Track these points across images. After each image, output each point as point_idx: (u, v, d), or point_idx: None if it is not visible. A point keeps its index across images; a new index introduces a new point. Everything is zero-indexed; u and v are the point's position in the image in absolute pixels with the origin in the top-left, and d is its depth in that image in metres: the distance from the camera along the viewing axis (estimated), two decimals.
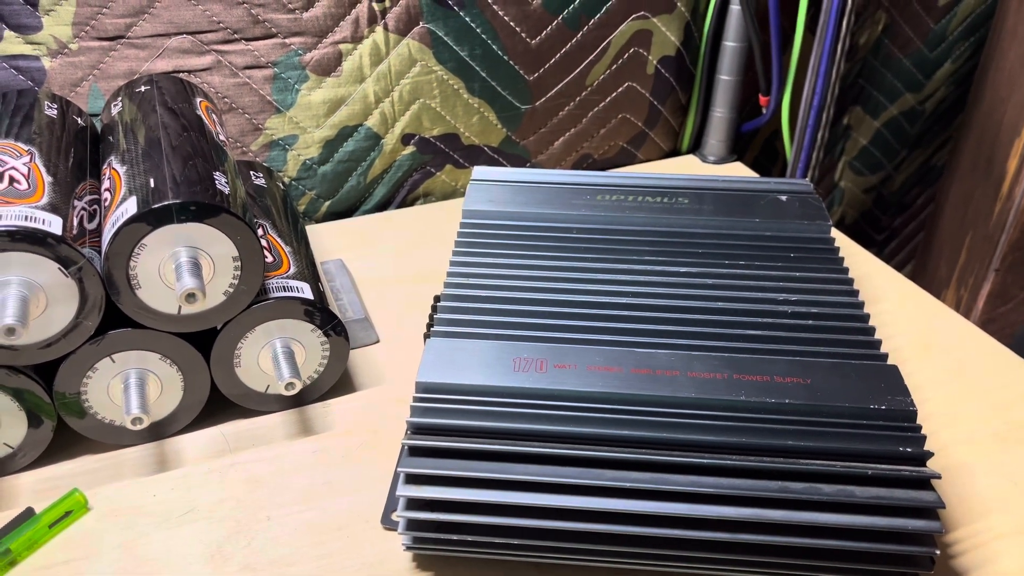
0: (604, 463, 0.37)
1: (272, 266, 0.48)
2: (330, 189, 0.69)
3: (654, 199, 0.52)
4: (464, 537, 0.38)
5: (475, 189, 0.53)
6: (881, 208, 0.97)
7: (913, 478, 0.35)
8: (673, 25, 0.73)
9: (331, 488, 0.45)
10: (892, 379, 0.38)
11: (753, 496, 0.36)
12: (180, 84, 0.54)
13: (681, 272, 0.46)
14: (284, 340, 0.47)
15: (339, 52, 0.64)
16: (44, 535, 0.42)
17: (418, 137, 0.70)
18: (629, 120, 0.77)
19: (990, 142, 0.82)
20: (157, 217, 0.41)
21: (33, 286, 0.40)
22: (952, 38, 0.86)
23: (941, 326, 0.57)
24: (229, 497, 0.44)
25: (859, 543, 0.36)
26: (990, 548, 0.42)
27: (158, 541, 0.42)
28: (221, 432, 0.48)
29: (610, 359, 0.39)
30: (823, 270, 0.46)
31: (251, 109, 0.64)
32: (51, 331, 0.42)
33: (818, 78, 0.71)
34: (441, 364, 0.39)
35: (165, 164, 0.44)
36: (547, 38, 0.69)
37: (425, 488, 0.37)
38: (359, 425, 0.49)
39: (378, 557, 0.41)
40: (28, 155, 0.45)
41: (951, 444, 0.48)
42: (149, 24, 0.59)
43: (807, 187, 0.53)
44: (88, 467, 0.46)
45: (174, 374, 0.46)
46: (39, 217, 0.40)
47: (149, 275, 0.42)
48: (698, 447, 0.36)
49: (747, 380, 0.38)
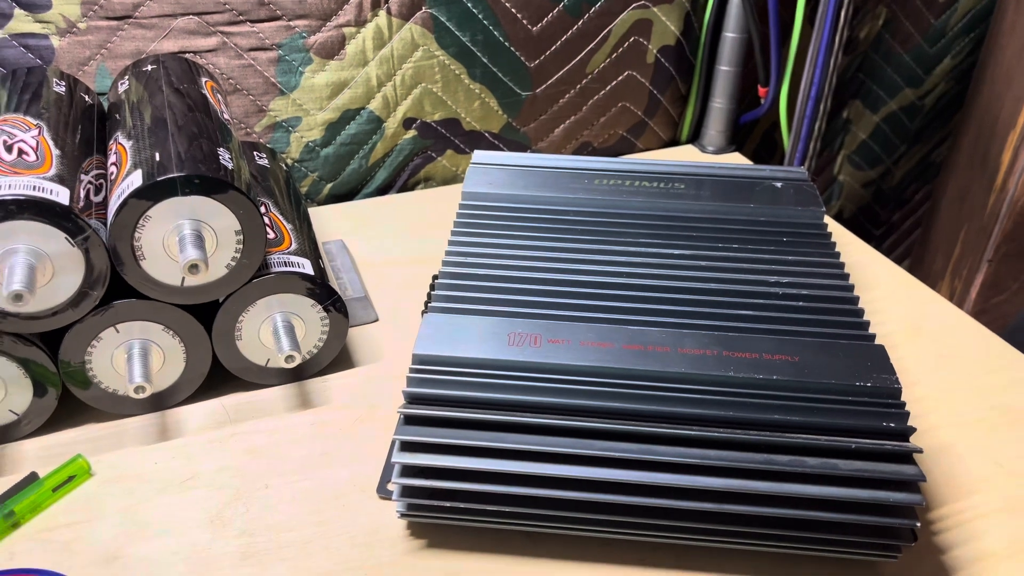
0: (594, 434, 0.38)
1: (274, 242, 0.49)
2: (332, 172, 0.70)
3: (651, 184, 0.53)
4: (457, 504, 0.39)
5: (474, 172, 0.53)
6: (880, 202, 0.98)
7: (895, 452, 0.36)
8: (673, 15, 0.74)
9: (328, 459, 0.46)
10: (878, 358, 0.39)
11: (739, 467, 0.37)
12: (186, 64, 0.54)
13: (675, 254, 0.47)
14: (285, 314, 0.48)
15: (343, 35, 0.65)
16: (47, 498, 0.43)
17: (419, 121, 0.71)
18: (629, 109, 0.78)
19: (987, 136, 0.82)
20: (162, 190, 0.42)
21: (40, 254, 0.41)
22: (952, 34, 0.87)
23: (932, 313, 0.58)
24: (229, 466, 0.45)
25: (842, 515, 0.37)
26: (973, 526, 0.42)
27: (159, 506, 0.43)
28: (222, 404, 0.49)
29: (603, 335, 0.40)
30: (815, 254, 0.47)
31: (255, 90, 0.65)
32: (57, 300, 0.43)
33: (816, 70, 0.72)
34: (438, 337, 0.40)
35: (171, 140, 0.45)
36: (548, 25, 0.70)
37: (419, 456, 0.38)
38: (356, 399, 0.50)
39: (373, 525, 0.42)
40: (37, 129, 0.46)
41: (938, 426, 0.48)
42: (156, 5, 0.60)
43: (802, 174, 0.54)
44: (91, 435, 0.47)
45: (176, 345, 0.47)
46: (47, 187, 0.41)
47: (153, 247, 0.43)
48: (686, 420, 0.37)
49: (737, 357, 0.39)
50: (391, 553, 0.41)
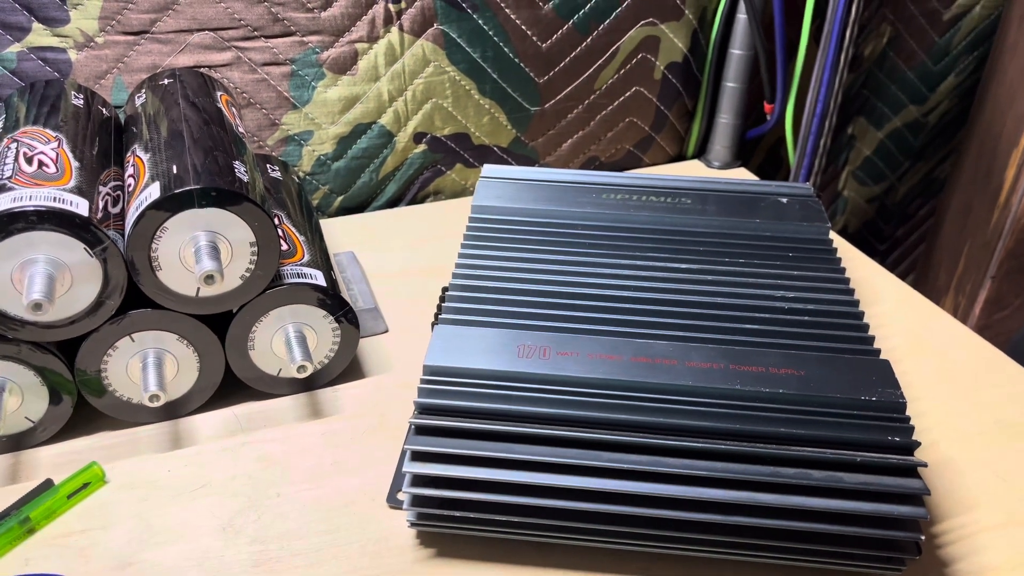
0: (603, 445, 0.38)
1: (287, 254, 0.50)
2: (343, 185, 0.71)
3: (658, 199, 0.54)
4: (466, 514, 0.40)
5: (484, 186, 0.54)
6: (884, 218, 0.98)
7: (900, 466, 0.37)
8: (681, 32, 0.75)
9: (339, 468, 0.46)
10: (883, 372, 0.40)
11: (745, 480, 0.37)
12: (201, 78, 0.55)
13: (682, 268, 0.47)
14: (297, 325, 0.49)
15: (355, 51, 0.66)
16: (62, 505, 0.43)
17: (430, 136, 0.71)
18: (636, 124, 0.78)
19: (990, 153, 0.83)
20: (179, 202, 0.43)
21: (59, 265, 0.42)
22: (956, 52, 0.87)
23: (935, 328, 0.59)
24: (241, 474, 0.46)
25: (847, 527, 0.37)
26: (976, 540, 0.43)
27: (172, 513, 0.43)
28: (234, 413, 0.50)
29: (611, 348, 0.41)
30: (820, 269, 0.48)
31: (268, 104, 0.66)
32: (75, 309, 0.43)
33: (821, 87, 0.73)
34: (448, 349, 0.41)
35: (187, 153, 0.46)
36: (557, 42, 0.71)
37: (430, 465, 0.39)
38: (367, 409, 0.50)
39: (383, 534, 0.42)
40: (56, 141, 0.47)
41: (941, 440, 0.49)
42: (173, 20, 0.61)
43: (807, 190, 0.55)
44: (106, 442, 0.47)
45: (190, 355, 0.47)
46: (67, 199, 0.42)
47: (170, 258, 0.44)
48: (693, 432, 0.38)
49: (743, 370, 0.40)
50: (401, 562, 0.41)
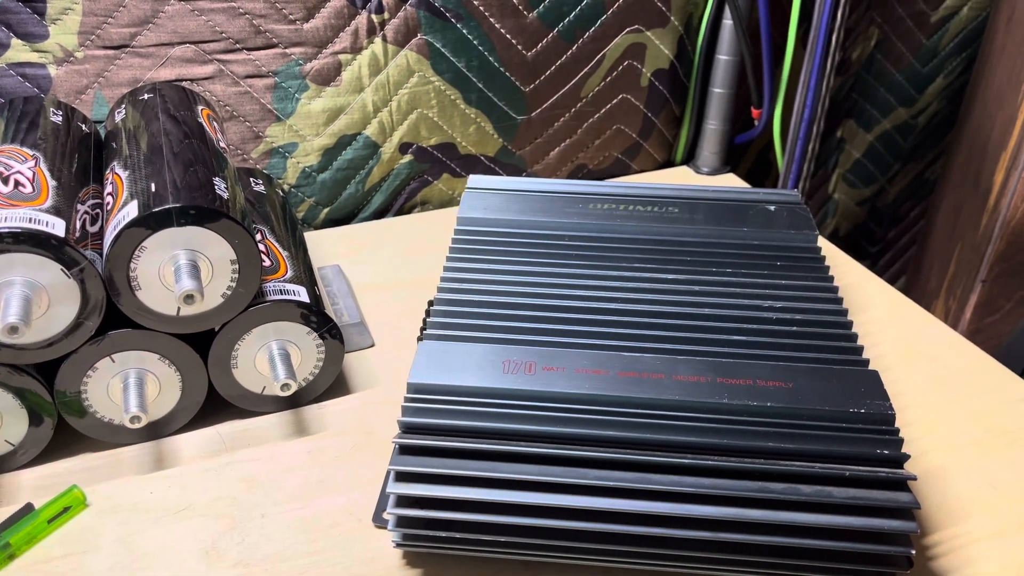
0: (590, 463, 0.38)
1: (269, 270, 0.49)
2: (329, 196, 0.70)
3: (645, 208, 0.53)
4: (453, 534, 0.39)
5: (470, 197, 0.54)
6: (875, 220, 0.98)
7: (890, 479, 0.36)
8: (667, 39, 0.75)
9: (324, 487, 0.46)
10: (872, 384, 0.39)
11: (734, 496, 0.37)
12: (182, 92, 0.55)
13: (669, 279, 0.47)
14: (280, 342, 0.48)
15: (339, 62, 0.65)
16: (43, 530, 0.43)
17: (416, 146, 0.71)
18: (623, 131, 0.78)
19: (979, 156, 0.83)
20: (158, 220, 0.42)
21: (36, 286, 0.41)
22: (944, 54, 0.87)
23: (926, 334, 0.58)
24: (225, 495, 0.45)
25: (837, 542, 0.37)
26: (969, 551, 0.42)
27: (155, 537, 0.43)
28: (217, 432, 0.49)
29: (597, 362, 0.40)
30: (808, 278, 0.47)
31: (252, 117, 0.65)
32: (53, 331, 0.43)
33: (808, 91, 0.72)
34: (433, 365, 0.40)
35: (166, 169, 0.45)
36: (543, 50, 0.70)
37: (415, 486, 0.38)
38: (353, 426, 0.50)
39: (369, 554, 0.42)
40: (33, 160, 0.46)
41: (932, 449, 0.49)
42: (153, 34, 0.60)
43: (795, 197, 0.54)
44: (87, 465, 0.47)
45: (172, 374, 0.47)
46: (43, 219, 0.42)
47: (149, 277, 0.43)
48: (681, 448, 0.37)
49: (730, 383, 0.39)
50: None
